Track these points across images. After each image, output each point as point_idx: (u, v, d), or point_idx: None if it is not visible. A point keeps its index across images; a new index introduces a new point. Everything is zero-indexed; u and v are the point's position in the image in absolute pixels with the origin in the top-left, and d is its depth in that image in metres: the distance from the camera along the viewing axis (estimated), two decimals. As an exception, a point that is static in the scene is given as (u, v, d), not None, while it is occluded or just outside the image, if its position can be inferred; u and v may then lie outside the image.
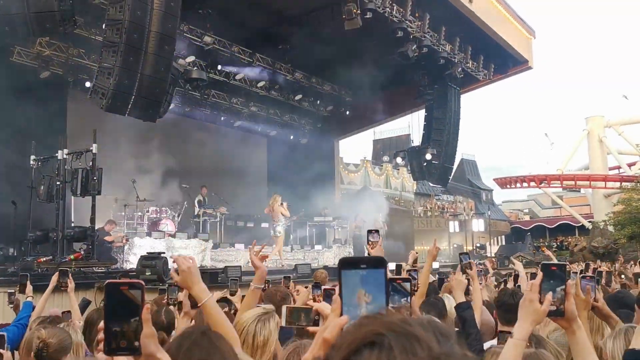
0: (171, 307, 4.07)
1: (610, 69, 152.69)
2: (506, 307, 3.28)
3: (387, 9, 14.93)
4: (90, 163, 10.85)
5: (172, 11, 10.32)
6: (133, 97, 10.04)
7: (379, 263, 1.21)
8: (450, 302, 4.14)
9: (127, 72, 9.84)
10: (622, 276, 7.58)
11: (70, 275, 4.89)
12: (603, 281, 5.79)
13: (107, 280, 1.43)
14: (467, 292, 4.49)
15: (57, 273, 4.94)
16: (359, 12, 13.91)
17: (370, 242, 3.54)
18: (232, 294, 5.16)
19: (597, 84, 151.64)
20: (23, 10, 8.92)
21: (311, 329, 2.26)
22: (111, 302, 1.40)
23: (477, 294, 3.96)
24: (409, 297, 2.31)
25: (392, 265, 3.71)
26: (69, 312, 4.71)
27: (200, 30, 15.65)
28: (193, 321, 2.98)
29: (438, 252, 4.67)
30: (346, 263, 1.22)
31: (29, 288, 5.01)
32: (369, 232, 3.57)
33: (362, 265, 1.21)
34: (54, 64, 14.75)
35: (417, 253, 5.37)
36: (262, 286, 3.33)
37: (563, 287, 1.88)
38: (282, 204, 15.39)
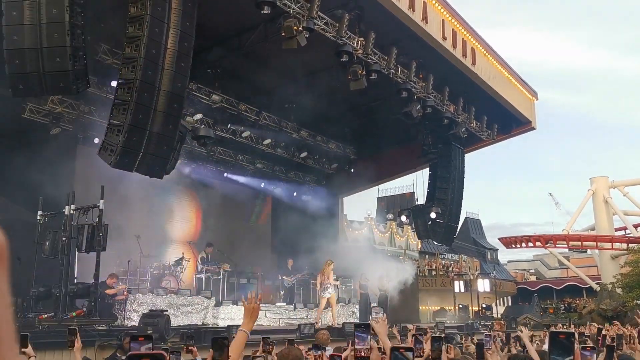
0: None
1: (614, 130, 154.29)
2: None
3: (392, 70, 15.28)
4: (97, 219, 10.89)
5: (182, 71, 10.58)
6: (141, 154, 10.18)
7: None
8: None
9: (136, 129, 10.01)
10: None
11: (78, 334, 4.81)
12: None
13: (129, 353, 1.41)
14: (482, 356, 4.43)
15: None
16: (364, 73, 14.23)
17: (374, 318, 3.59)
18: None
19: (601, 144, 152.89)
20: (38, 69, 9.15)
21: None
22: None
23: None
24: None
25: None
26: None
27: (208, 89, 16.00)
28: None
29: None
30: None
31: (30, 349, 4.93)
32: (373, 307, 3.65)
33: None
34: (65, 120, 15.02)
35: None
36: (249, 332, 3.37)
37: (571, 357, 1.88)
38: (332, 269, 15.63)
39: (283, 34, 12.41)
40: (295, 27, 12.21)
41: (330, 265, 15.64)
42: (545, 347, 6.64)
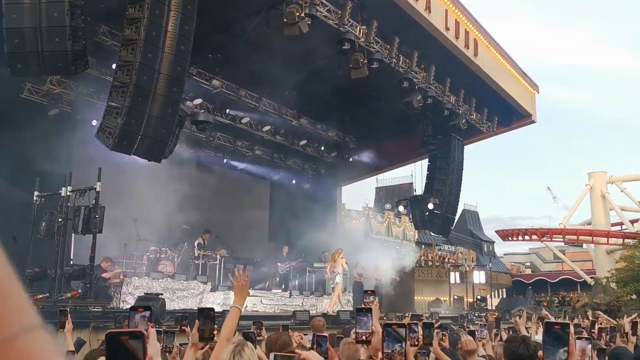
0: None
1: (614, 126, 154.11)
2: (520, 357, 3.19)
3: (394, 59, 15.20)
4: (94, 201, 10.86)
5: (183, 55, 10.51)
6: (139, 137, 10.13)
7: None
8: None
9: (135, 112, 9.95)
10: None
11: (69, 315, 4.78)
12: (607, 337, 5.73)
13: (108, 330, 1.39)
14: None
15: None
16: (365, 61, 14.16)
17: (365, 302, 3.57)
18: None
19: (600, 139, 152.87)
20: (37, 49, 9.08)
21: None
22: (112, 353, 1.35)
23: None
24: (403, 343, 2.29)
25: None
26: (73, 352, 4.58)
27: (208, 74, 15.93)
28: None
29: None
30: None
31: None
32: (365, 292, 3.61)
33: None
34: (63, 101, 14.95)
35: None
36: (242, 307, 3.42)
37: (566, 348, 1.87)
38: (342, 257, 16.19)
39: (285, 20, 12.32)
40: (297, 14, 12.12)
41: (339, 254, 16.04)
42: (537, 337, 6.65)
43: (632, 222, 39.55)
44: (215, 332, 2.87)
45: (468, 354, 3.62)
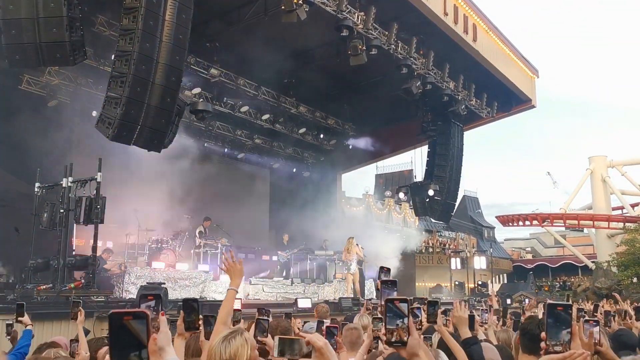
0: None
1: (614, 109, 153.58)
2: (530, 336, 3.24)
3: (392, 45, 15.14)
4: (95, 191, 10.88)
5: (180, 44, 10.46)
6: (139, 127, 10.11)
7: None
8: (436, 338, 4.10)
9: (134, 102, 9.93)
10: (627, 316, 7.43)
11: (81, 307, 4.81)
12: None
13: (111, 311, 1.37)
14: (472, 327, 4.44)
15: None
16: (364, 48, 14.09)
17: (381, 279, 3.56)
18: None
19: (600, 124, 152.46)
20: (34, 40, 9.05)
21: None
22: (115, 333, 1.33)
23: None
24: (405, 319, 2.26)
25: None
26: (77, 340, 4.63)
27: (207, 63, 15.88)
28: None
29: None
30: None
31: (27, 317, 4.95)
32: (381, 269, 3.58)
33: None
34: (62, 92, 14.92)
35: None
36: (238, 288, 3.52)
37: (569, 329, 1.86)
38: (357, 244, 16.68)
39: (283, 7, 12.24)
40: (295, 1, 12.04)
41: (351, 242, 16.32)
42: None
43: (633, 205, 39.62)
44: (200, 322, 2.92)
45: (459, 322, 3.62)
